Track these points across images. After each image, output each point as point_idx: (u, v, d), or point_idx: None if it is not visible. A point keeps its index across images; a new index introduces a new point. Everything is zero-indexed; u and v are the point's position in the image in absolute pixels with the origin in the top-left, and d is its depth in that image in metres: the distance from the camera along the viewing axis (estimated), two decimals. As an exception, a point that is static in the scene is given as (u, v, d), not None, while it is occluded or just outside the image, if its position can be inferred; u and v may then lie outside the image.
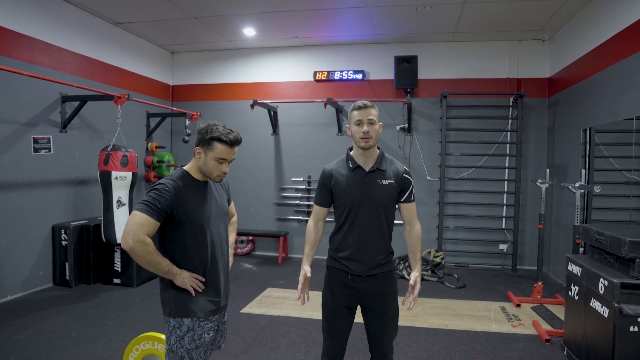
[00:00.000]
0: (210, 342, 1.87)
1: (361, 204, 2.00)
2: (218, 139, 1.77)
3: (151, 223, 1.67)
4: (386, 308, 2.06)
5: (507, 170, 5.94)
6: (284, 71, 6.62)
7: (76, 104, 4.78)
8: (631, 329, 2.42)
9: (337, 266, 2.08)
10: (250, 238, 6.65)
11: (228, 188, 2.11)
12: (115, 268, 4.75)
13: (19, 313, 3.83)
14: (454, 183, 6.05)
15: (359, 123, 1.97)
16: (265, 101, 6.15)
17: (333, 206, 2.13)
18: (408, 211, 2.10)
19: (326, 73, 6.42)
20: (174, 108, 6.34)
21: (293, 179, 6.55)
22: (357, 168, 2.04)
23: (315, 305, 4.40)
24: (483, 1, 4.65)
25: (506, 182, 5.97)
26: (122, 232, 1.66)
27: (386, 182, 2.02)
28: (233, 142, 1.80)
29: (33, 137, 4.43)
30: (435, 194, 6.10)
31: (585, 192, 4.08)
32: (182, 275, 1.77)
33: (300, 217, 6.50)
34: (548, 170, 4.79)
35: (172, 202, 1.72)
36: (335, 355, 2.12)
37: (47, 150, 4.59)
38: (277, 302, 4.33)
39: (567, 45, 5.24)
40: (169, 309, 1.81)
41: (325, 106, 5.87)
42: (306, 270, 2.04)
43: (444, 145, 5.89)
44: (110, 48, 5.57)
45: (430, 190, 6.14)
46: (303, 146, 6.51)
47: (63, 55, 4.81)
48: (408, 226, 2.12)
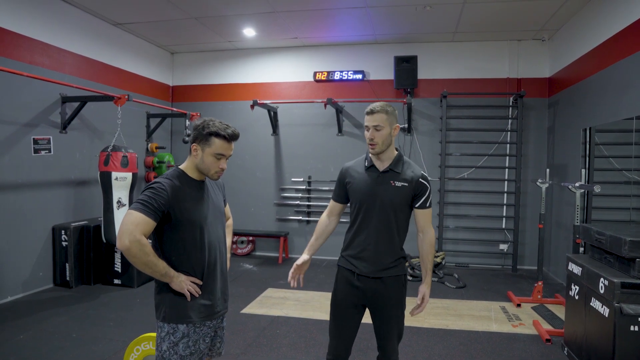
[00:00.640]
0: (206, 349, 1.80)
1: (371, 203, 2.00)
2: (216, 134, 1.73)
3: (148, 222, 1.61)
4: (391, 313, 2.03)
5: (507, 170, 5.94)
6: (284, 71, 6.62)
7: (76, 105, 4.78)
8: (631, 329, 2.42)
9: (345, 265, 2.09)
10: (250, 238, 6.65)
11: (224, 189, 2.06)
12: (115, 269, 4.75)
13: (20, 314, 3.82)
14: (454, 183, 6.05)
15: (367, 128, 1.99)
16: (265, 101, 6.15)
17: (349, 205, 2.15)
18: (422, 218, 2.06)
19: (326, 73, 6.42)
20: (174, 109, 6.35)
21: (293, 179, 6.56)
22: (372, 167, 2.05)
23: (315, 305, 4.44)
24: (483, 1, 4.66)
25: (506, 182, 5.97)
26: (118, 232, 1.58)
27: (399, 184, 1.99)
28: (231, 137, 1.76)
29: (33, 138, 4.43)
30: (435, 194, 6.08)
31: (585, 192, 4.08)
32: (179, 278, 1.69)
33: (300, 218, 6.50)
34: (548, 170, 4.80)
35: (169, 201, 1.66)
36: (337, 356, 2.11)
37: (47, 151, 4.59)
38: (278, 303, 4.32)
39: (567, 45, 5.24)
40: (163, 314, 1.74)
41: (325, 106, 5.88)
42: (303, 257, 2.10)
43: (444, 145, 5.89)
44: (110, 49, 5.57)
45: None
46: (303, 146, 6.51)
47: (63, 56, 4.81)
48: (421, 233, 2.09)
